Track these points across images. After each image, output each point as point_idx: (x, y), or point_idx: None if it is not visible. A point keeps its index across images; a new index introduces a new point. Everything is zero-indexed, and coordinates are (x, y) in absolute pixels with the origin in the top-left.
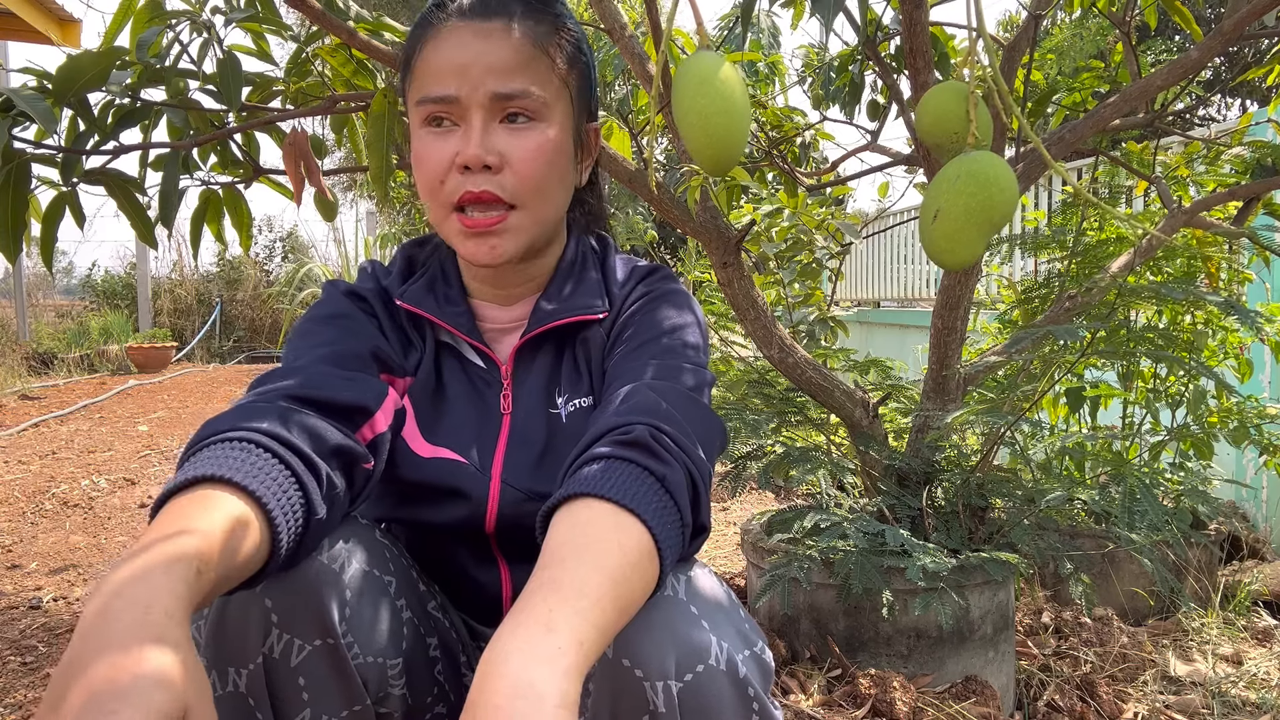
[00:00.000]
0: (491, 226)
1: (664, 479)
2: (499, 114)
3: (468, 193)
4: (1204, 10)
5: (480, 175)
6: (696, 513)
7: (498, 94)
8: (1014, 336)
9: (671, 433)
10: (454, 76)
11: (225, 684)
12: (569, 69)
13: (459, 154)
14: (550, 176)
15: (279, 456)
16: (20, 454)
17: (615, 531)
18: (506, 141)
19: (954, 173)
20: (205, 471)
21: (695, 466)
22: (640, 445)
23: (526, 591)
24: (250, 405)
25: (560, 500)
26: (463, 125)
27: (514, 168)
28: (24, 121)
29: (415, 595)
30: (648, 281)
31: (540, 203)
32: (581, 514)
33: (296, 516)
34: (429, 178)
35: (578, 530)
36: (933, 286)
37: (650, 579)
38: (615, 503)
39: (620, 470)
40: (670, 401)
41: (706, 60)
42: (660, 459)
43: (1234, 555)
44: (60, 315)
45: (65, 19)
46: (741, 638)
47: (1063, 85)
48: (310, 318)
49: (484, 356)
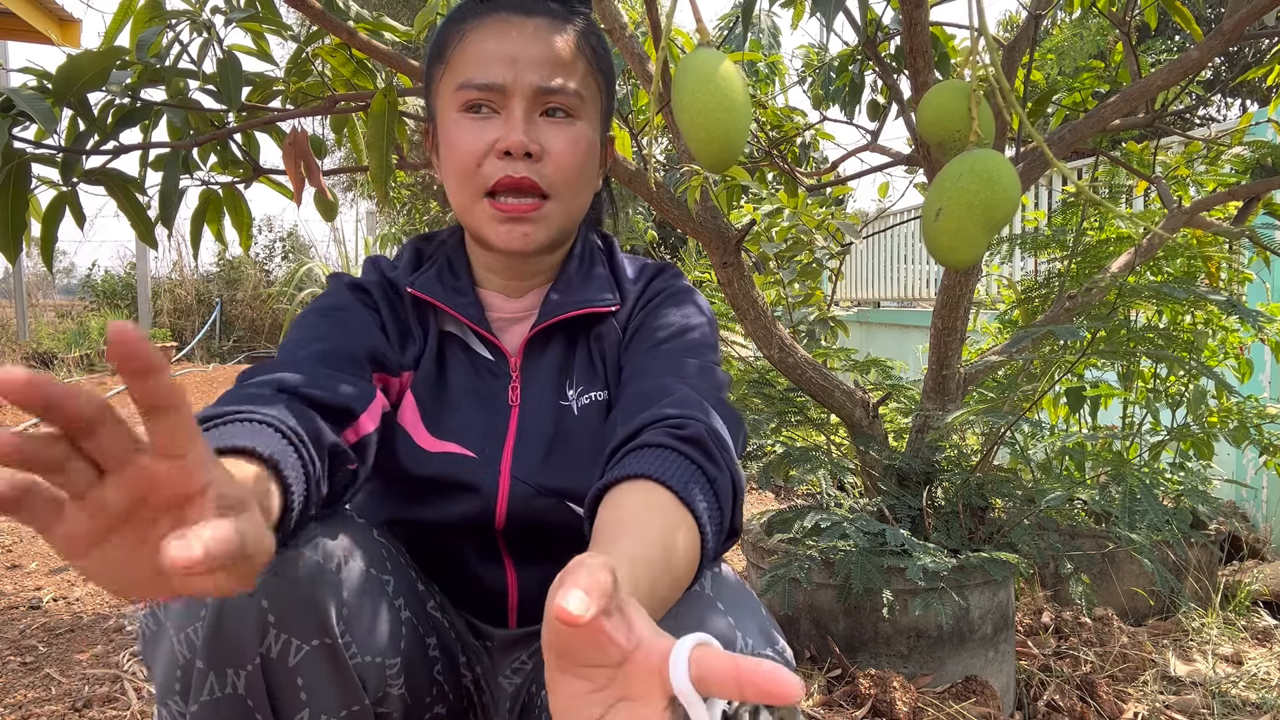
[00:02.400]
0: (526, 213)
1: (715, 481)
2: (540, 107)
3: (507, 177)
4: (1204, 10)
5: (521, 162)
6: (734, 516)
7: (543, 87)
8: (1014, 336)
9: (722, 434)
10: (501, 65)
11: (224, 685)
12: (601, 75)
13: (500, 140)
14: (584, 172)
15: (293, 444)
16: None
17: (677, 520)
18: (547, 133)
19: (956, 170)
20: (233, 443)
21: (735, 471)
22: (697, 443)
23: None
24: (253, 393)
25: (622, 477)
26: (503, 113)
27: (553, 158)
28: (24, 121)
29: (414, 595)
30: (661, 279)
31: (572, 196)
32: (649, 495)
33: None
34: (463, 161)
35: (644, 508)
36: (933, 286)
37: (692, 574)
38: (677, 494)
39: (679, 463)
40: (708, 401)
41: (707, 57)
42: (714, 460)
43: (1234, 555)
44: (60, 315)
45: (65, 19)
46: (764, 635)
47: (1063, 85)
48: (310, 310)
49: (492, 347)
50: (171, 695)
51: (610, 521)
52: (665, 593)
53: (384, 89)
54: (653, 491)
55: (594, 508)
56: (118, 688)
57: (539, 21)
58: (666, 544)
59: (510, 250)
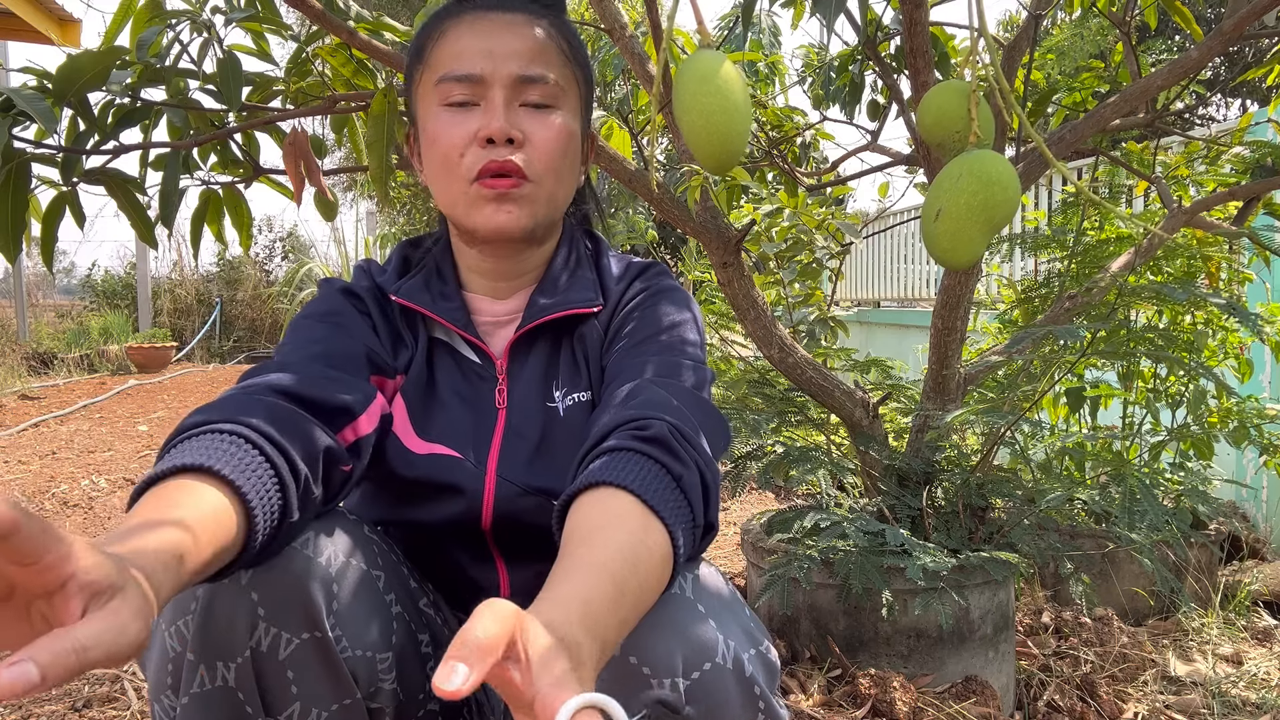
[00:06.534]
0: (510, 188)
1: (680, 478)
2: (520, 96)
3: (491, 162)
4: (1204, 10)
5: (504, 148)
6: (707, 512)
7: (522, 75)
8: (1014, 336)
9: (686, 431)
10: (479, 57)
11: (214, 678)
12: (578, 69)
13: (481, 129)
14: (565, 160)
15: (265, 455)
16: (20, 454)
17: (640, 527)
18: (528, 121)
19: (956, 171)
20: (192, 460)
21: (706, 466)
22: (659, 442)
23: (554, 575)
24: (241, 398)
25: (585, 486)
26: (483, 104)
27: (534, 145)
28: (24, 121)
29: (405, 591)
30: (644, 278)
31: (555, 182)
32: (608, 503)
33: (273, 515)
34: (446, 152)
35: (604, 518)
36: (933, 286)
37: (665, 578)
38: (639, 498)
39: (641, 465)
40: (679, 399)
41: (708, 59)
42: (678, 458)
43: (1234, 555)
44: (60, 315)
45: (65, 19)
46: (748, 636)
47: (1063, 85)
48: (305, 315)
49: (478, 351)
50: (164, 690)
51: (570, 536)
52: (632, 602)
53: (384, 89)
54: (614, 498)
55: (561, 519)
56: (118, 688)
57: (514, 16)
58: (629, 554)
59: (497, 230)
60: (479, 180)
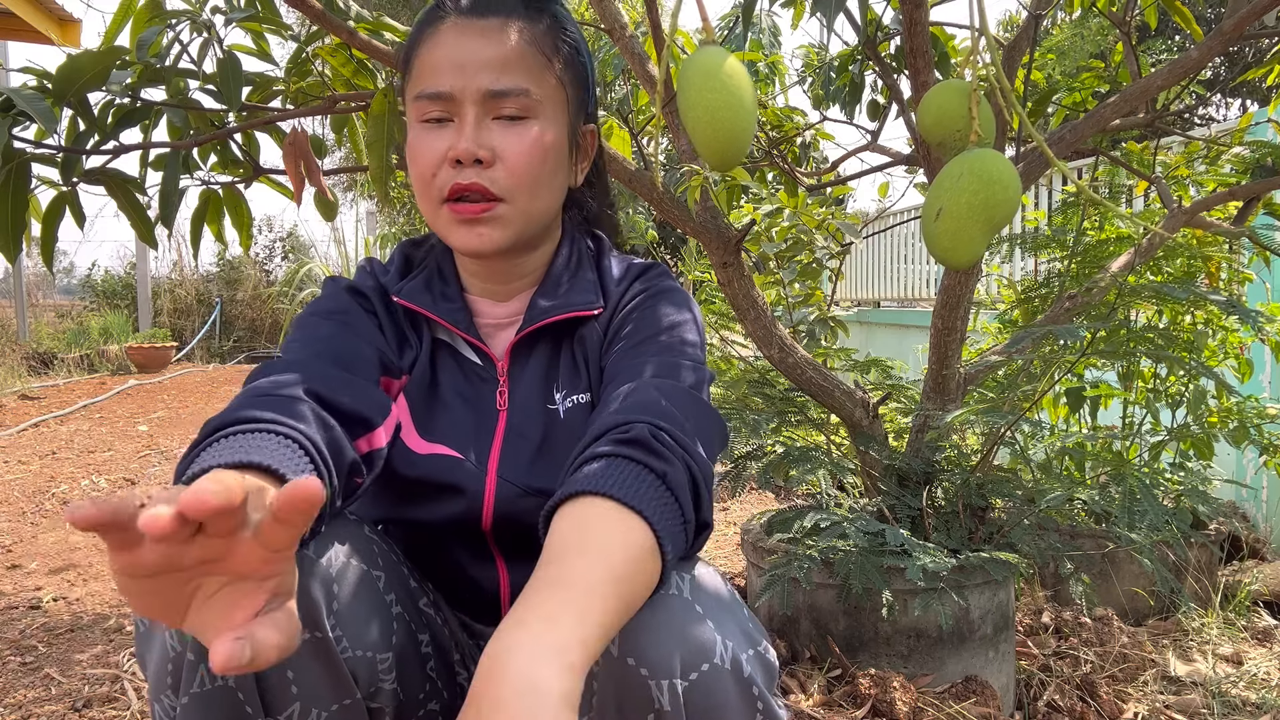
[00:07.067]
0: (479, 214)
1: (664, 476)
2: (493, 110)
3: (456, 184)
4: (1204, 10)
5: (470, 169)
6: (698, 509)
7: (491, 91)
8: (1014, 336)
9: (671, 430)
10: (449, 73)
11: (214, 678)
12: (566, 69)
13: (451, 148)
14: (542, 174)
15: (316, 468)
16: (20, 454)
17: (617, 528)
18: (499, 137)
19: (957, 170)
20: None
21: (695, 463)
22: (639, 443)
23: (529, 588)
24: (281, 395)
25: (562, 498)
26: (457, 120)
27: (506, 163)
28: (24, 121)
29: (405, 591)
30: (644, 279)
31: (530, 199)
32: (583, 511)
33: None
34: (422, 171)
35: (579, 527)
36: (933, 286)
37: (652, 576)
38: (616, 500)
39: (620, 468)
40: (671, 399)
41: (712, 54)
42: (660, 456)
43: (1234, 555)
44: (60, 315)
45: (65, 19)
46: (746, 636)
47: (1063, 85)
48: (312, 312)
49: (480, 353)
50: (164, 689)
51: (551, 548)
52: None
53: (384, 89)
54: (591, 506)
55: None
56: (118, 688)
57: (492, 23)
58: (606, 558)
59: (472, 252)
60: (449, 203)
